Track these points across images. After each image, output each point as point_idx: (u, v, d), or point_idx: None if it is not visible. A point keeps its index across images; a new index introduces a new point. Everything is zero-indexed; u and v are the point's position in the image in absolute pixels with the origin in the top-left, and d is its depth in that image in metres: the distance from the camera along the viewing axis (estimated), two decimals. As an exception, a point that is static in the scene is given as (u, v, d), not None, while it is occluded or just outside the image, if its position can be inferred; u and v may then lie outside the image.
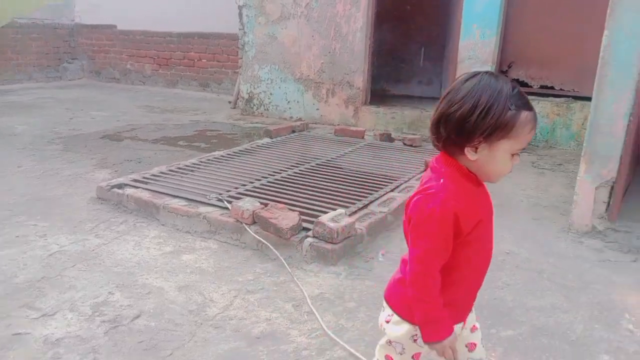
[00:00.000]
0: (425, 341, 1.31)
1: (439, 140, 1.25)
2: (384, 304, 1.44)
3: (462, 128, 1.18)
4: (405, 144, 5.29)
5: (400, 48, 8.03)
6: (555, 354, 2.12)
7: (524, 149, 1.24)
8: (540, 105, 5.44)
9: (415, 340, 1.38)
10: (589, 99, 3.31)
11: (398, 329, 1.38)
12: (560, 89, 5.43)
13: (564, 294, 2.60)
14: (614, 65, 3.03)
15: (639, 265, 2.96)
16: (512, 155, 1.22)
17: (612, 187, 3.18)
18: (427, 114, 6.23)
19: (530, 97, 4.47)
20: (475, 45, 5.66)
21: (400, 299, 1.37)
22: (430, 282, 1.26)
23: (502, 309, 2.46)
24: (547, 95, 5.50)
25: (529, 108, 1.19)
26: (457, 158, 1.24)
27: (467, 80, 1.20)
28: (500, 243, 3.19)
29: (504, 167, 1.25)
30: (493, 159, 1.22)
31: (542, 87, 5.64)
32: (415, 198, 1.25)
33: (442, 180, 1.23)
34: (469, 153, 1.21)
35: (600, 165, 3.16)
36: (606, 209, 3.22)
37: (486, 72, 1.20)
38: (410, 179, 4.07)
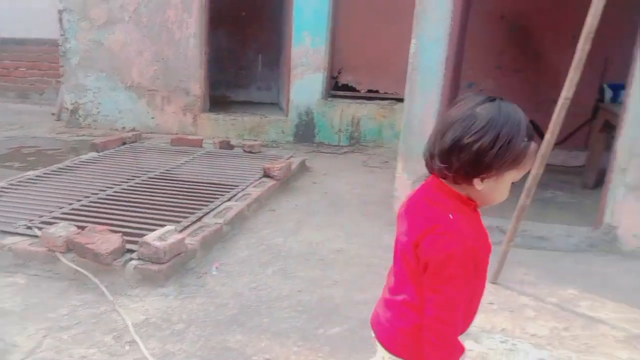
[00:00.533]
0: None
1: (449, 170, 1.12)
2: (389, 356, 1.30)
3: (479, 161, 1.08)
4: (245, 151, 5.27)
5: (239, 54, 8.02)
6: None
7: None
8: (368, 108, 5.83)
9: None
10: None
11: None
12: (385, 92, 5.89)
13: (387, 285, 2.79)
14: (421, 70, 3.34)
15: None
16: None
17: (425, 182, 3.49)
18: (267, 120, 6.31)
19: (359, 101, 4.70)
20: (307, 52, 5.86)
21: (412, 347, 1.24)
22: (454, 330, 1.17)
23: (330, 306, 2.55)
24: (374, 99, 5.92)
25: (534, 138, 1.14)
26: (459, 186, 1.16)
27: (479, 105, 1.10)
28: (333, 241, 3.34)
29: (505, 194, 1.19)
30: (497, 188, 1.16)
31: (369, 91, 6.05)
32: (427, 239, 1.14)
33: (451, 216, 1.15)
34: (477, 184, 1.13)
35: (416, 162, 3.46)
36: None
37: (501, 99, 1.12)
38: (247, 186, 4.05)
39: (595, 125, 4.41)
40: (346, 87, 6.21)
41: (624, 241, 3.21)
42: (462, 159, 1.09)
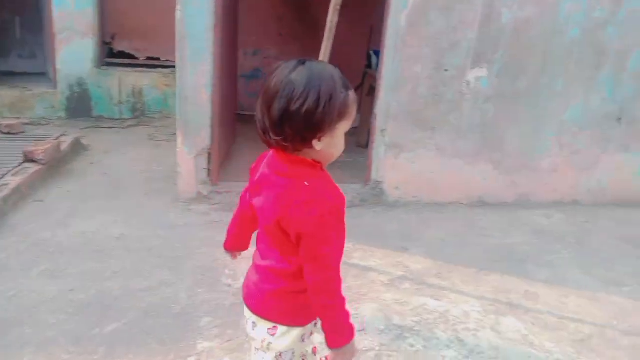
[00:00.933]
0: (333, 347, 1.23)
1: (286, 140, 1.11)
2: (256, 319, 1.30)
3: (311, 121, 1.09)
4: (2, 132, 4.49)
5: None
6: (159, 332, 2.15)
7: None
8: (150, 77, 5.46)
9: (303, 340, 1.33)
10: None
11: (286, 338, 1.29)
12: (167, 60, 5.55)
13: (171, 267, 2.68)
14: (190, 38, 3.18)
15: (239, 219, 3.32)
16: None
17: (210, 154, 3.42)
18: (31, 94, 5.46)
19: (138, 69, 4.26)
20: (70, 15, 5.16)
21: (285, 308, 1.27)
22: (339, 285, 1.21)
23: (108, 301, 2.35)
24: (156, 67, 5.55)
25: (350, 87, 1.17)
26: (301, 152, 1.16)
27: (293, 71, 1.10)
28: (112, 228, 3.08)
29: (342, 146, 1.21)
30: (334, 143, 1.17)
31: (148, 58, 5.65)
32: (292, 212, 1.14)
33: (306, 183, 1.16)
34: (316, 144, 1.13)
35: (195, 134, 3.35)
36: (208, 175, 3.46)
37: (307, 60, 1.13)
38: (4, 175, 3.46)
39: (363, 90, 4.82)
40: (123, 55, 5.69)
41: (388, 194, 3.62)
42: (294, 127, 1.10)
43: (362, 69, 5.93)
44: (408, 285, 2.64)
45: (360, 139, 4.85)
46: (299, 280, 1.22)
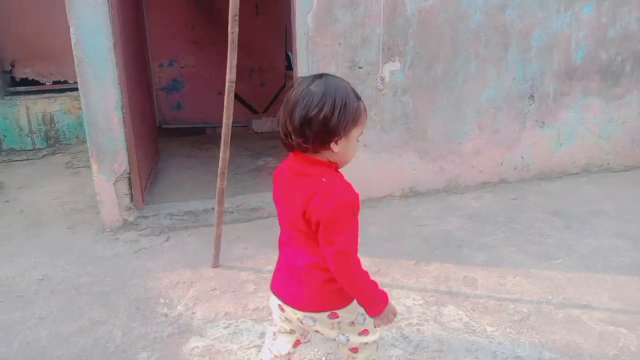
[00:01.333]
0: (373, 315, 1.43)
1: (307, 142, 1.30)
2: (313, 315, 1.48)
3: (327, 127, 1.27)
4: None
5: None
6: (92, 379, 2.01)
7: None
8: (60, 102, 5.15)
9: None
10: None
11: (348, 311, 1.48)
12: (75, 82, 5.23)
13: (102, 304, 2.52)
14: (89, 62, 3.01)
15: (171, 242, 3.18)
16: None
17: (130, 178, 3.25)
18: None
19: (46, 95, 3.97)
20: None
21: (331, 296, 1.44)
22: (357, 264, 1.37)
23: (36, 351, 2.17)
24: (64, 90, 5.23)
25: (360, 98, 1.37)
26: (320, 154, 1.34)
27: (311, 84, 1.30)
28: (34, 269, 2.88)
29: (356, 150, 1.41)
30: (349, 147, 1.36)
31: (55, 82, 5.31)
32: (313, 203, 1.31)
33: (324, 179, 1.33)
34: (334, 147, 1.31)
35: (110, 160, 3.17)
36: (131, 200, 3.29)
37: (323, 75, 1.34)
38: None
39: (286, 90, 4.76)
40: (28, 82, 5.31)
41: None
42: (313, 131, 1.28)
43: (283, 70, 5.89)
44: (350, 287, 2.62)
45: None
46: (329, 271, 1.39)
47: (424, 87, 3.51)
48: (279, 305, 1.53)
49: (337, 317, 1.48)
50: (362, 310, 1.47)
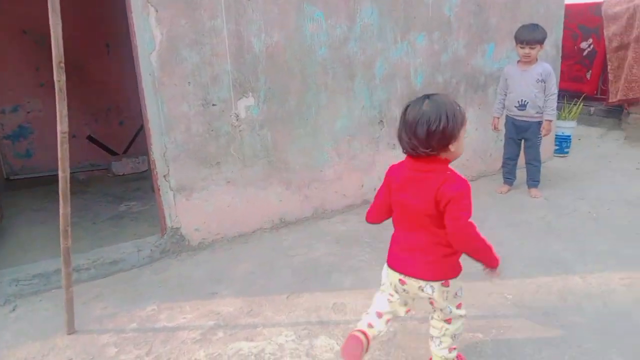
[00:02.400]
0: (494, 266, 1.83)
1: (433, 150, 1.72)
2: (432, 284, 1.87)
3: (446, 135, 1.70)
4: None
5: None
6: None
7: None
8: None
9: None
10: None
11: (456, 281, 1.91)
12: None
13: None
14: None
15: (18, 312, 2.83)
16: None
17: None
18: None
19: None
20: None
21: (446, 268, 1.88)
22: (476, 231, 1.76)
23: None
24: None
25: (459, 104, 1.78)
26: (439, 154, 1.75)
27: (423, 103, 1.71)
28: None
29: (464, 147, 1.83)
30: (460, 145, 1.77)
31: None
32: (445, 187, 1.73)
33: (448, 172, 1.77)
34: (452, 147, 1.74)
35: None
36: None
37: (429, 95, 1.75)
38: None
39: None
40: None
41: (189, 238, 3.46)
42: (437, 140, 1.69)
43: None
44: (221, 333, 2.52)
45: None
46: (448, 247, 1.82)
47: (280, 120, 3.57)
48: (400, 279, 1.92)
49: (448, 286, 1.89)
50: (461, 284, 1.94)
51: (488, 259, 1.81)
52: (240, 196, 3.56)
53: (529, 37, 3.91)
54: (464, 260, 1.85)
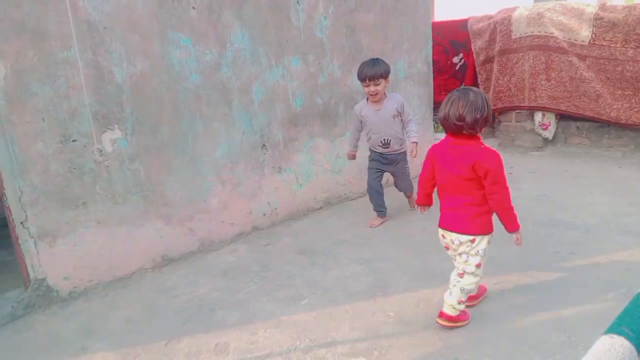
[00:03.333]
0: (511, 231, 2.39)
1: (475, 131, 2.30)
2: (462, 237, 2.42)
3: (487, 117, 2.30)
4: None
5: None
6: None
7: None
8: None
9: (489, 242, 2.47)
10: None
11: (482, 242, 2.43)
12: None
13: None
14: None
15: None
16: None
17: None
18: None
19: None
20: None
21: (479, 225, 2.39)
22: (510, 196, 2.33)
23: None
24: None
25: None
26: (475, 131, 2.31)
27: (468, 94, 2.29)
28: None
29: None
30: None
31: None
32: (483, 158, 2.28)
33: (482, 146, 2.33)
34: (485, 128, 2.39)
35: None
36: None
37: (466, 87, 2.36)
38: None
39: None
40: None
41: (58, 288, 3.13)
42: (481, 122, 2.28)
43: None
44: (88, 396, 2.28)
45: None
46: (483, 206, 2.35)
47: (153, 151, 3.37)
48: (442, 234, 2.50)
49: (475, 242, 2.40)
50: (485, 246, 2.42)
51: (511, 222, 2.35)
52: (114, 237, 3.30)
53: (371, 72, 3.63)
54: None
